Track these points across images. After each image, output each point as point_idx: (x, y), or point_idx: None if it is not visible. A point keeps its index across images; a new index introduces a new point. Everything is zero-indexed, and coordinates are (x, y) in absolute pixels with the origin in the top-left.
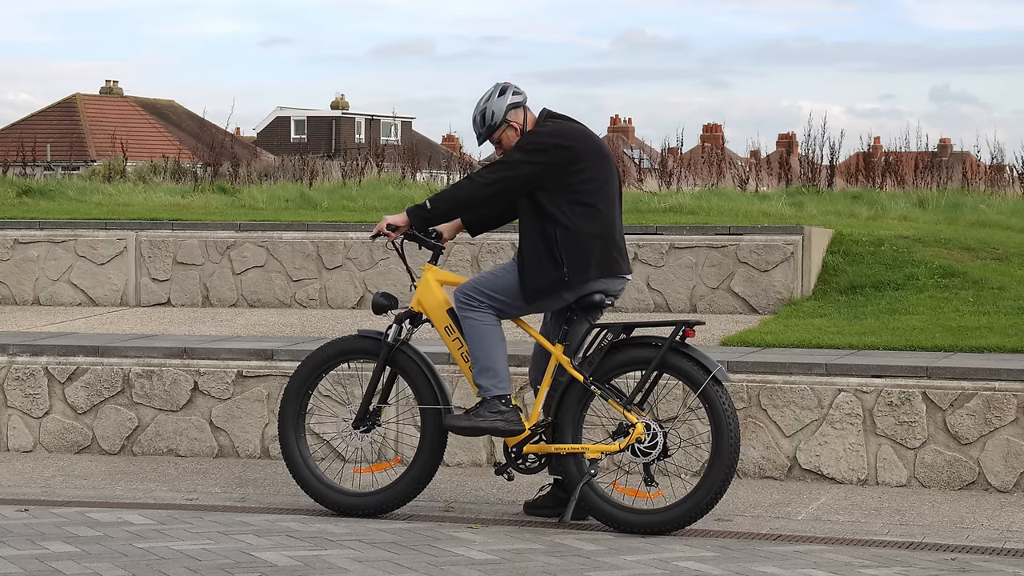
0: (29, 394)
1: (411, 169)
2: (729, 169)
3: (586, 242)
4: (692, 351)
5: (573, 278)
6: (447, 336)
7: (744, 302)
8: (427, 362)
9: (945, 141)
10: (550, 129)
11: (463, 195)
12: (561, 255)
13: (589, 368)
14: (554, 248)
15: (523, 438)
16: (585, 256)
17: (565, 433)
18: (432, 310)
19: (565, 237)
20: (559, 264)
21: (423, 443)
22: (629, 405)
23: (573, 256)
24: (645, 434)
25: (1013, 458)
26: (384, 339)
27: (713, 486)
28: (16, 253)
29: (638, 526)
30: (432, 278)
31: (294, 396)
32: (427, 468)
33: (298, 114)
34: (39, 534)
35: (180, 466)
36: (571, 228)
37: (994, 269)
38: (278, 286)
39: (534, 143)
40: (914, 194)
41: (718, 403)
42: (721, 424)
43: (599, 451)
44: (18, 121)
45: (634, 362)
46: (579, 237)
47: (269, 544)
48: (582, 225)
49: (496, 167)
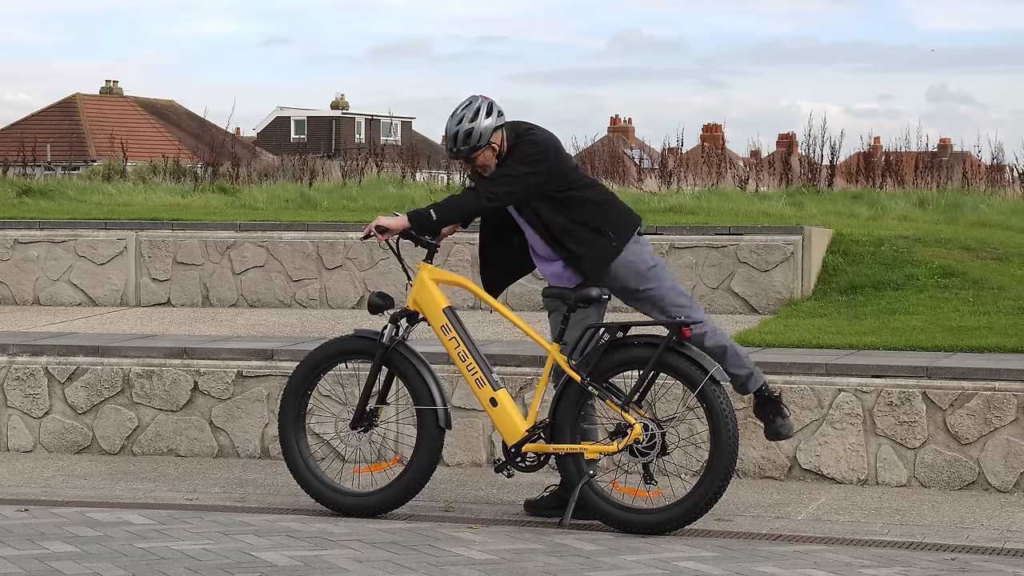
0: (29, 394)
1: (411, 169)
2: (729, 169)
3: (611, 208)
4: (689, 351)
5: (619, 241)
6: (443, 335)
7: (744, 302)
8: (423, 362)
9: (945, 141)
10: (540, 137)
11: (468, 209)
12: (601, 226)
13: (586, 368)
14: (595, 222)
15: (522, 438)
16: (615, 218)
17: (563, 433)
18: (428, 309)
19: (595, 210)
20: (604, 233)
21: (420, 443)
22: (627, 405)
23: (611, 223)
24: (643, 434)
25: (1013, 458)
26: (379, 339)
27: (712, 485)
28: (16, 253)
29: (638, 525)
30: (428, 277)
31: (293, 396)
32: (424, 468)
33: (298, 114)
34: (39, 534)
35: (180, 466)
36: (593, 201)
37: (994, 269)
38: (278, 286)
39: (537, 154)
40: (914, 194)
41: (716, 403)
42: (719, 424)
43: (597, 451)
44: (18, 121)
45: (631, 362)
46: (603, 206)
47: (269, 544)
48: (598, 196)
49: (503, 181)
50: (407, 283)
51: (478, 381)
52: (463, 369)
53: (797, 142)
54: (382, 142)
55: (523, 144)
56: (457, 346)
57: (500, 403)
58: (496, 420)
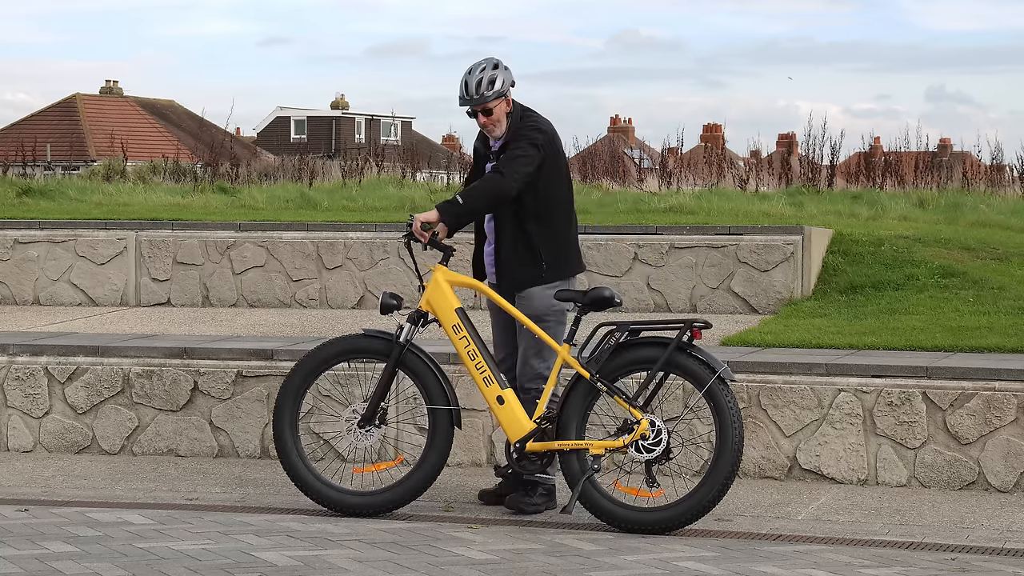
0: (29, 394)
1: (411, 169)
2: (729, 169)
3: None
4: (698, 351)
5: (548, 275)
6: (454, 335)
7: (744, 302)
8: (435, 362)
9: (945, 141)
10: (540, 118)
11: (495, 192)
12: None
13: (596, 366)
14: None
15: (528, 432)
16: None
17: (569, 430)
18: (441, 310)
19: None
20: (538, 261)
21: (433, 442)
22: (633, 403)
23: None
24: (650, 431)
25: (1013, 458)
26: (396, 339)
27: (716, 484)
28: (16, 253)
29: (640, 524)
30: (442, 278)
31: (292, 395)
32: (436, 467)
33: (298, 114)
34: (39, 534)
35: (180, 466)
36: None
37: (994, 269)
38: (278, 286)
39: (541, 136)
40: (914, 194)
41: (723, 402)
42: (726, 423)
43: (603, 447)
44: (18, 121)
45: (640, 361)
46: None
47: (269, 544)
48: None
49: (519, 162)
50: (419, 285)
51: (486, 379)
52: (471, 368)
53: (797, 142)
54: (382, 142)
55: (532, 127)
56: (467, 345)
57: (507, 401)
58: (502, 418)
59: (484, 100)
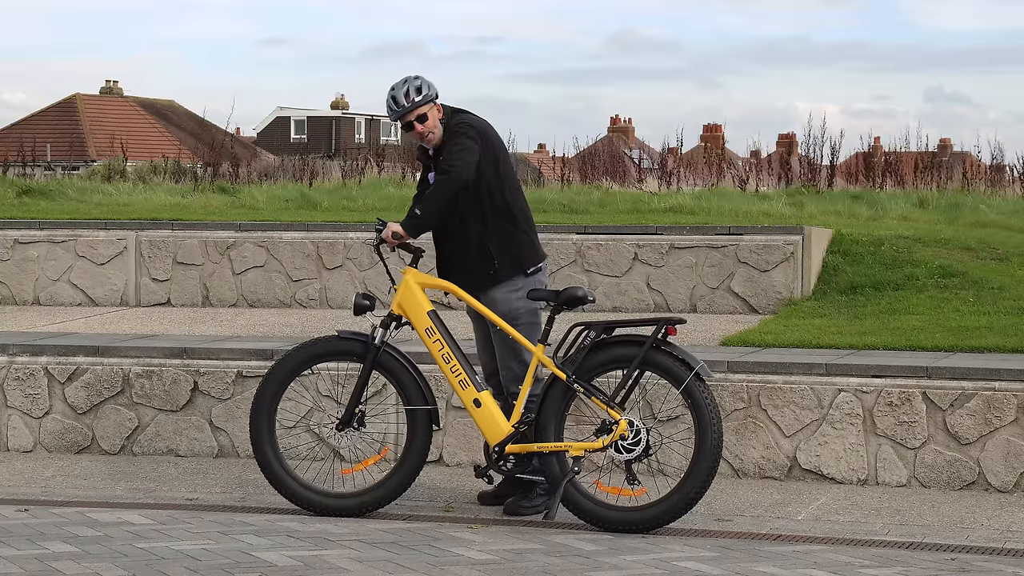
0: (29, 394)
1: (411, 169)
2: (729, 169)
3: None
4: (674, 349)
5: (498, 272)
6: (427, 338)
7: (744, 302)
8: (412, 362)
9: (945, 141)
10: (472, 116)
11: (445, 194)
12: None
13: (572, 367)
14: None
15: (507, 436)
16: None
17: (548, 431)
18: (413, 313)
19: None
20: (489, 259)
21: (412, 443)
22: (611, 403)
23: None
24: (628, 430)
25: (1013, 458)
26: (371, 341)
27: (697, 482)
28: (16, 253)
29: (622, 523)
30: (413, 281)
31: (269, 399)
32: (416, 467)
33: (298, 114)
34: (39, 534)
35: (180, 466)
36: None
37: (994, 269)
38: (278, 286)
39: (472, 130)
40: (914, 194)
41: (701, 400)
42: (704, 420)
43: (582, 448)
44: (18, 121)
45: (616, 360)
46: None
47: (269, 544)
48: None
49: (458, 154)
50: (391, 288)
51: (462, 382)
52: (447, 371)
53: (797, 142)
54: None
55: (462, 122)
56: (441, 348)
57: (484, 404)
58: (479, 421)
59: (416, 106)
